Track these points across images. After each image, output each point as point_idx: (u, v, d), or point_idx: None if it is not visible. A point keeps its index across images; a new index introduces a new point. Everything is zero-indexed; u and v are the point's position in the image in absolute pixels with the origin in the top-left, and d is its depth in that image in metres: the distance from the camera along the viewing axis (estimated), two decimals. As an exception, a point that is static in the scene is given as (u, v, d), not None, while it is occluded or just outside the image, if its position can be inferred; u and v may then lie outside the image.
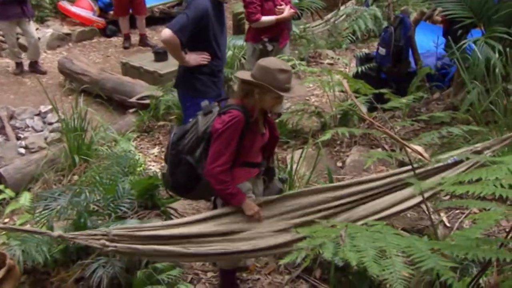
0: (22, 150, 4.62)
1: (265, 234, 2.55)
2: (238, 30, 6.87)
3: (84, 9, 7.93)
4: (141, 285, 2.71)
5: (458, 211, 3.27)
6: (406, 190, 2.66)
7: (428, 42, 5.24)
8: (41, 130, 5.07)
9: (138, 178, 3.59)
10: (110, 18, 8.02)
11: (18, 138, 4.86)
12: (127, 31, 7.66)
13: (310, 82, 5.20)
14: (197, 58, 3.43)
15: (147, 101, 5.20)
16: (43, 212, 3.01)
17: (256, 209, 2.54)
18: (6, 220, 3.80)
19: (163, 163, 2.74)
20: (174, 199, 3.35)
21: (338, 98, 4.94)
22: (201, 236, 2.49)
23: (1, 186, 4.04)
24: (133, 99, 5.30)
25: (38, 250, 2.79)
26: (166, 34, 3.23)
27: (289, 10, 4.66)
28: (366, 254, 1.60)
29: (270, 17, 4.58)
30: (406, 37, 4.84)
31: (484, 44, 3.99)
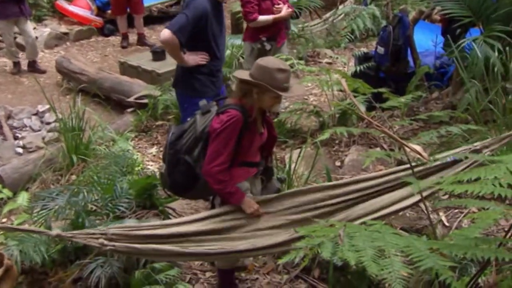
0: (20, 150, 4.61)
1: (263, 233, 2.54)
2: (237, 29, 6.87)
3: (82, 8, 7.91)
4: (139, 285, 2.70)
5: (457, 211, 3.27)
6: (404, 189, 2.66)
7: (427, 41, 5.24)
8: (38, 130, 5.06)
9: (136, 177, 3.59)
10: (108, 17, 8.00)
11: (16, 138, 4.85)
12: (125, 30, 7.64)
13: (309, 82, 5.20)
14: (196, 58, 3.42)
15: (145, 100, 5.19)
16: (41, 212, 3.00)
17: (255, 206, 2.54)
18: (4, 220, 3.79)
19: (161, 163, 2.73)
20: (173, 199, 3.34)
21: (337, 98, 4.93)
22: (199, 234, 2.48)
23: (-2, 186, 4.03)
24: (131, 99, 5.29)
25: (36, 250, 2.78)
26: (165, 34, 3.22)
27: (286, 9, 4.65)
28: (364, 253, 1.59)
29: (267, 16, 4.57)
30: (405, 36, 4.83)
31: (483, 43, 3.99)
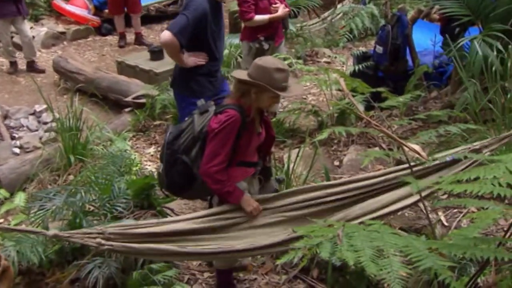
0: (17, 150, 4.60)
1: (261, 231, 2.53)
2: (235, 28, 6.85)
3: (79, 7, 7.90)
4: (136, 285, 2.69)
5: (456, 210, 3.26)
6: (403, 188, 2.64)
7: (425, 40, 5.23)
8: (36, 130, 5.04)
9: (134, 177, 3.58)
10: (105, 17, 7.98)
11: (13, 138, 4.83)
12: (123, 30, 7.63)
13: (307, 81, 5.18)
14: (195, 59, 3.40)
15: (143, 100, 5.17)
16: (38, 212, 2.99)
17: (255, 204, 2.53)
18: (1, 220, 3.77)
19: (159, 163, 2.72)
20: (170, 199, 3.33)
21: (335, 97, 4.93)
22: (196, 233, 2.47)
23: (-5, 187, 4.01)
24: (128, 98, 5.28)
25: (33, 250, 2.77)
26: (165, 36, 3.19)
27: (283, 9, 4.64)
28: (363, 253, 1.59)
29: (263, 16, 4.55)
30: (404, 35, 4.82)
31: (481, 42, 3.98)
